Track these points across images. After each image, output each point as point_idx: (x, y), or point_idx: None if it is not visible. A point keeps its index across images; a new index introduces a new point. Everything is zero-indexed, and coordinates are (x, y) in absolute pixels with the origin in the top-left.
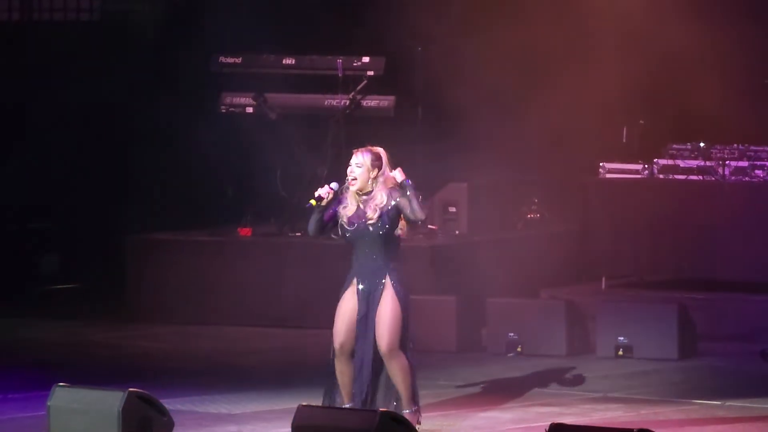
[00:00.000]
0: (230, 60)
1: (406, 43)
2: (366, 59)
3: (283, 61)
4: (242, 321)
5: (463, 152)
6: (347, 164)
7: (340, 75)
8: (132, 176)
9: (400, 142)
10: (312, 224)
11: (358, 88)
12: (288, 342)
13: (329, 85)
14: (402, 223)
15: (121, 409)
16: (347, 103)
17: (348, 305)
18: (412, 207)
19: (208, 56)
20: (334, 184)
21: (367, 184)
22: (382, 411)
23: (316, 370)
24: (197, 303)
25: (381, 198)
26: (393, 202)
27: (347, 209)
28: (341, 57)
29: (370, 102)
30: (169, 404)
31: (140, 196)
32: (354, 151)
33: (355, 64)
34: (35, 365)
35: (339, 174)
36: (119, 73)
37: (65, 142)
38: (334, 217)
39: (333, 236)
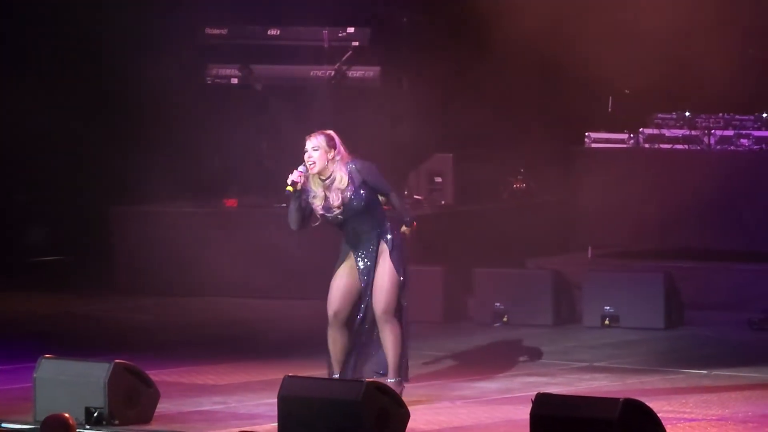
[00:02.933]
0: (216, 31)
1: (392, 13)
2: (351, 30)
3: (269, 32)
4: (228, 292)
5: (448, 122)
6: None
7: (325, 46)
8: (118, 147)
9: (386, 113)
10: (291, 216)
11: (344, 58)
12: (274, 313)
13: (315, 55)
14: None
15: (107, 381)
16: (333, 74)
17: (342, 274)
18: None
19: (193, 27)
20: (301, 167)
21: (327, 167)
22: (368, 381)
23: (302, 340)
24: (183, 274)
25: (341, 179)
26: (357, 177)
27: (316, 198)
28: (327, 28)
29: (356, 73)
30: (155, 375)
31: (126, 167)
32: (306, 137)
33: (340, 35)
34: (21, 337)
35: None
36: (107, 44)
37: (50, 114)
38: (310, 206)
39: (313, 224)
